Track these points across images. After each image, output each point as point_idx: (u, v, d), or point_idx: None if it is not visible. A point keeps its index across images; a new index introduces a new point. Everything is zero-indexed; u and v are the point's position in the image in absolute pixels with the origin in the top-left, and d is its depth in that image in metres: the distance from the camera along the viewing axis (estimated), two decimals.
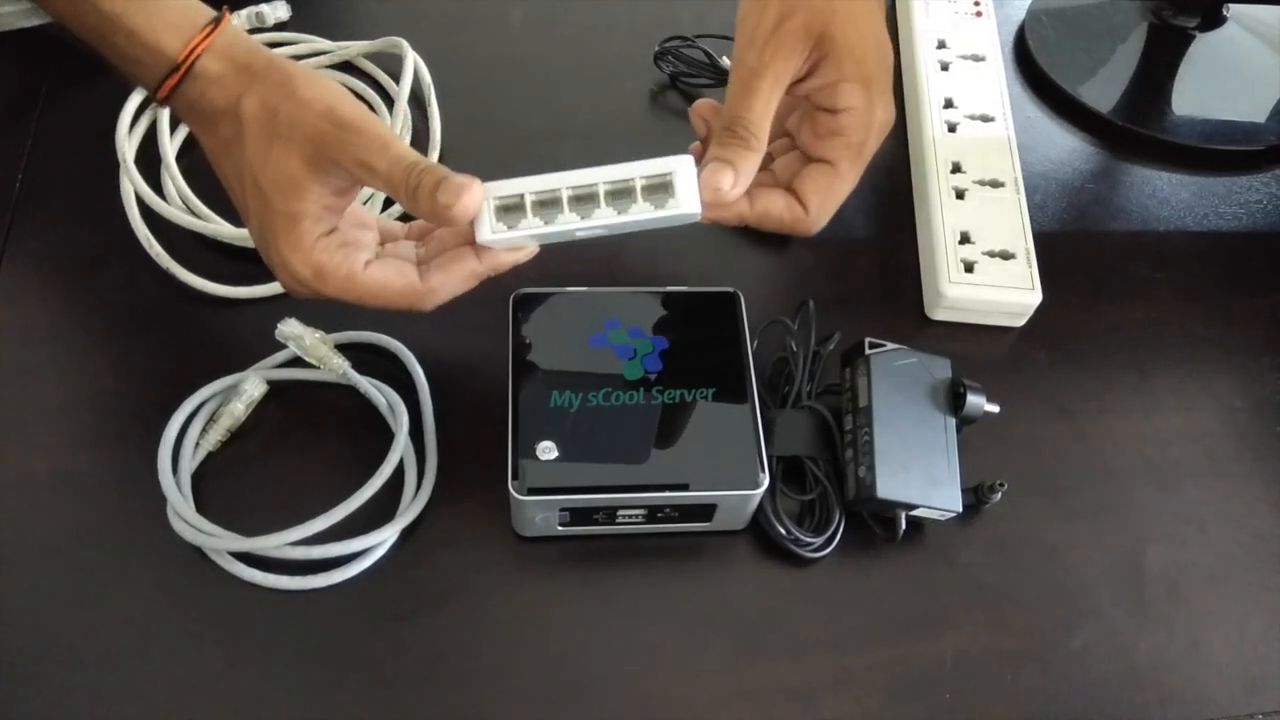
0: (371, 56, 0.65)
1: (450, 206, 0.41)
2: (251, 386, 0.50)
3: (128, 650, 0.44)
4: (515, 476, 0.45)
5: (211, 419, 0.49)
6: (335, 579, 0.46)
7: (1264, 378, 0.56)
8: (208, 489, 0.48)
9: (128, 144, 0.57)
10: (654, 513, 0.46)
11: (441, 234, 0.47)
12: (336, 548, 0.46)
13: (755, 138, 0.46)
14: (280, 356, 0.51)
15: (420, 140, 0.61)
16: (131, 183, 0.56)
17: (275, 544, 0.45)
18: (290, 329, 0.50)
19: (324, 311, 0.49)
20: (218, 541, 0.45)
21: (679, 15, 0.70)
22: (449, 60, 0.65)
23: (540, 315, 0.49)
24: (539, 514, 0.45)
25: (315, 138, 0.42)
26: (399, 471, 0.48)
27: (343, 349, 0.51)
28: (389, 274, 0.45)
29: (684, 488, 0.45)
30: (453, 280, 0.45)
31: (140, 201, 0.56)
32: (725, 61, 0.64)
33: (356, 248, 0.45)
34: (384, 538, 0.46)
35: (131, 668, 0.44)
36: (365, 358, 0.52)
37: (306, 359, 0.51)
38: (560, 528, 0.47)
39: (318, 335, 0.51)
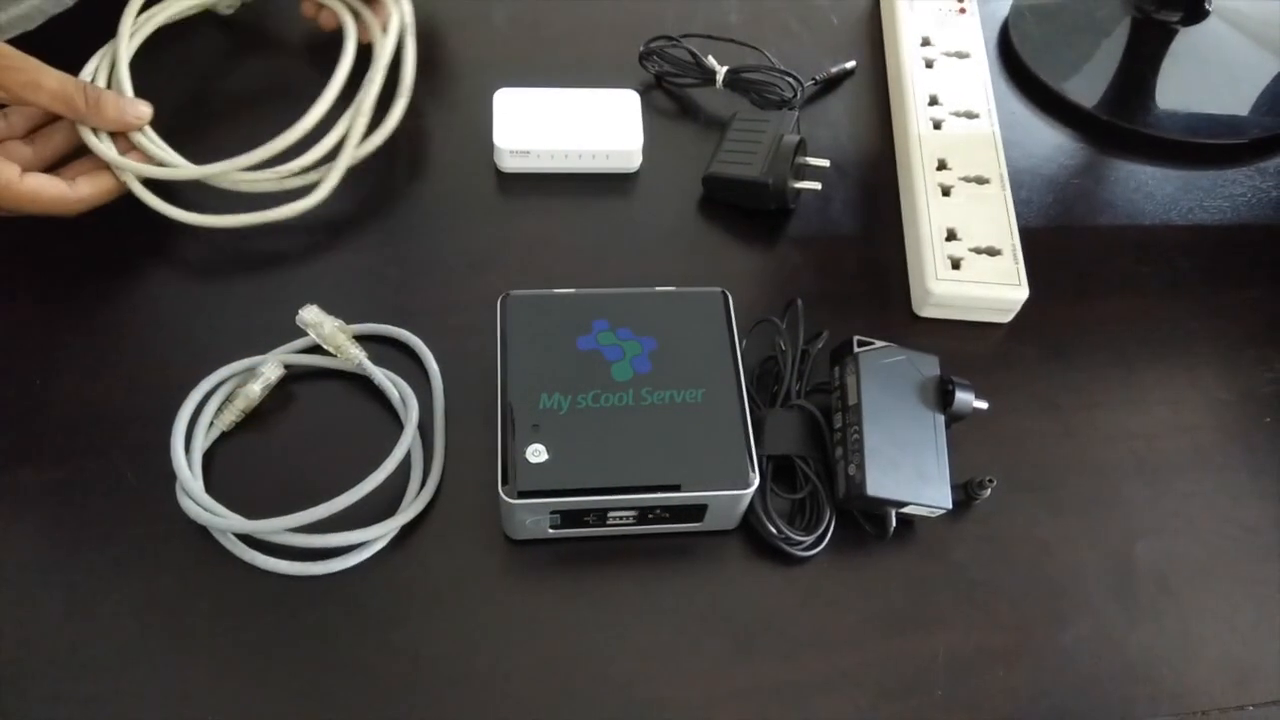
0: None
1: (142, 116, 0.53)
2: (269, 370, 0.50)
3: (123, 618, 0.44)
4: (505, 480, 0.44)
5: (228, 399, 0.50)
6: (333, 567, 0.46)
7: (1250, 370, 0.56)
8: (218, 469, 0.48)
9: None
10: (644, 514, 0.46)
11: (57, 137, 0.54)
12: (335, 538, 0.45)
13: None
14: (300, 343, 0.52)
15: None
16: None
17: (275, 528, 0.45)
18: (310, 315, 0.51)
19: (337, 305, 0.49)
20: (222, 522, 0.46)
21: (663, 15, 0.70)
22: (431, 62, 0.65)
23: (528, 317, 0.49)
24: (529, 517, 0.45)
25: None
26: (405, 467, 0.48)
27: (361, 340, 0.51)
28: (42, 183, 0.51)
29: (674, 488, 0.45)
30: (99, 191, 0.53)
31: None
32: (710, 61, 0.64)
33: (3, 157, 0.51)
34: (383, 532, 0.46)
35: (125, 635, 0.44)
36: (383, 351, 0.53)
37: (325, 347, 0.51)
38: (551, 530, 0.46)
39: (337, 324, 0.51)
